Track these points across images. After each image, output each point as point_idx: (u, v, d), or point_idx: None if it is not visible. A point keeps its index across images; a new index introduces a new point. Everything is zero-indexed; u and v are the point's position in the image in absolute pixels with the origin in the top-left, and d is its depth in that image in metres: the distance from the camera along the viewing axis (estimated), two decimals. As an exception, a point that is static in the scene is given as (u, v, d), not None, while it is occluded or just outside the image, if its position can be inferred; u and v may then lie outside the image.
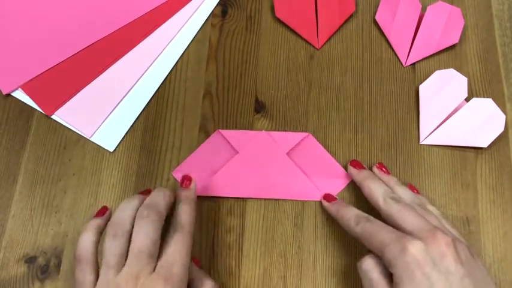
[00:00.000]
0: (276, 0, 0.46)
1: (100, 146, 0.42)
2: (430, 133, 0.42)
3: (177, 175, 0.40)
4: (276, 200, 0.40)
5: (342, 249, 0.39)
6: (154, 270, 0.30)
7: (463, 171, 0.41)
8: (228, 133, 0.41)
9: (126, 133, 0.42)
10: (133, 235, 0.31)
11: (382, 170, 0.39)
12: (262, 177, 0.40)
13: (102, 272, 0.30)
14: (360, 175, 0.38)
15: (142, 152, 0.42)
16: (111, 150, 0.42)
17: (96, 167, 0.41)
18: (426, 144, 0.42)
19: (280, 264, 0.38)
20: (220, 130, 0.41)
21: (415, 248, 0.30)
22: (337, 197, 0.39)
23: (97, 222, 0.34)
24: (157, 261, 0.31)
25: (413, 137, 0.42)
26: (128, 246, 0.31)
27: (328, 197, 0.39)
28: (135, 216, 0.32)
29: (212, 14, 0.47)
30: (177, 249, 0.31)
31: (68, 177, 0.41)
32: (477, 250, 0.38)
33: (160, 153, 0.42)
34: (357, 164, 0.40)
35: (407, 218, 0.32)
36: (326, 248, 0.39)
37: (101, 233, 0.34)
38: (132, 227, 0.32)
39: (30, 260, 0.38)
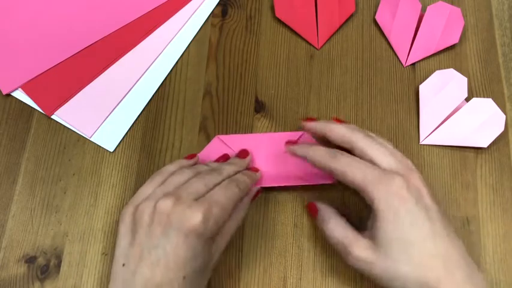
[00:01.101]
0: (276, 0, 0.46)
1: (100, 146, 0.42)
2: (430, 133, 0.42)
3: None
4: (276, 199, 0.40)
5: (342, 249, 0.39)
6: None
7: (463, 171, 0.41)
8: (227, 138, 0.41)
9: (126, 133, 0.42)
10: (193, 177, 0.34)
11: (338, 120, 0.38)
12: (266, 175, 0.40)
13: (157, 189, 0.33)
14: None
15: (142, 152, 0.42)
16: (111, 150, 0.42)
17: (96, 167, 0.41)
18: (426, 144, 0.42)
19: (280, 264, 0.38)
20: (219, 136, 0.41)
21: (398, 185, 0.31)
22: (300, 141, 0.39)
23: (183, 162, 0.37)
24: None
25: (414, 137, 0.42)
26: None
27: (290, 142, 0.37)
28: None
29: (212, 14, 0.47)
30: (224, 193, 0.32)
31: (68, 177, 0.41)
32: (477, 250, 0.38)
33: (160, 153, 0.42)
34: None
35: (379, 156, 0.33)
36: (326, 248, 0.39)
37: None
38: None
39: (30, 260, 0.38)
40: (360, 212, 0.39)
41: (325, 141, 0.36)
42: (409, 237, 0.30)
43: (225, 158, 0.39)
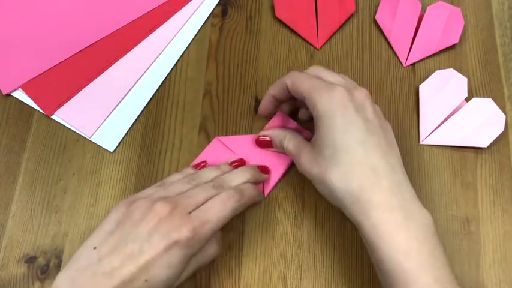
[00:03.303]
0: (276, 0, 0.46)
1: (100, 146, 0.42)
2: (430, 133, 0.42)
3: None
4: (276, 199, 0.40)
5: (342, 249, 0.39)
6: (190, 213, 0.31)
7: (463, 171, 0.41)
8: (226, 139, 0.41)
9: (126, 133, 0.42)
10: (198, 187, 0.34)
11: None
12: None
13: (158, 191, 0.33)
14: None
15: (142, 152, 0.42)
16: (111, 150, 0.42)
17: (96, 167, 0.41)
18: (426, 144, 0.42)
19: (280, 264, 0.38)
20: (218, 137, 0.41)
21: (341, 92, 0.32)
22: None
23: (191, 172, 0.37)
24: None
25: (414, 137, 0.42)
26: None
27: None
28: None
29: (212, 14, 0.47)
30: (219, 212, 0.32)
31: (68, 177, 0.41)
32: (477, 250, 0.38)
33: (160, 153, 0.42)
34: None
35: (329, 77, 0.35)
36: (326, 248, 0.39)
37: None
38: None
39: (30, 260, 0.38)
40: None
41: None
42: (340, 143, 0.31)
43: (240, 163, 0.39)
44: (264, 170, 0.39)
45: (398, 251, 0.29)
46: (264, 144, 0.39)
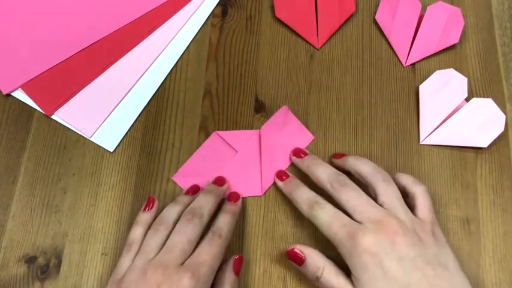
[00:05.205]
0: (276, 0, 0.46)
1: (100, 146, 0.42)
2: (430, 133, 0.42)
3: (177, 179, 0.40)
4: (276, 199, 0.40)
5: (342, 249, 0.39)
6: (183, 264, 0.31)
7: (463, 171, 0.41)
8: (225, 134, 0.41)
9: (126, 133, 0.42)
10: (173, 232, 0.33)
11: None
12: (269, 170, 0.40)
13: (136, 258, 0.32)
14: (304, 163, 0.39)
15: (142, 152, 0.42)
16: (111, 150, 0.42)
17: (96, 167, 0.41)
18: (426, 144, 0.42)
19: (280, 264, 0.38)
20: (217, 131, 0.41)
21: (366, 241, 0.31)
22: (290, 174, 0.39)
23: (147, 217, 0.36)
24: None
25: (413, 137, 0.42)
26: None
27: (279, 175, 0.39)
28: (179, 216, 0.35)
29: (212, 14, 0.47)
30: (210, 251, 0.32)
31: (68, 177, 0.41)
32: (477, 250, 0.38)
33: (160, 153, 0.42)
34: (299, 152, 0.40)
35: (357, 208, 0.33)
36: (326, 248, 0.39)
37: (149, 225, 0.36)
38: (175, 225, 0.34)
39: (30, 260, 0.38)
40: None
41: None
42: None
43: (194, 190, 0.38)
44: (220, 181, 0.39)
45: None
46: (295, 258, 0.35)
